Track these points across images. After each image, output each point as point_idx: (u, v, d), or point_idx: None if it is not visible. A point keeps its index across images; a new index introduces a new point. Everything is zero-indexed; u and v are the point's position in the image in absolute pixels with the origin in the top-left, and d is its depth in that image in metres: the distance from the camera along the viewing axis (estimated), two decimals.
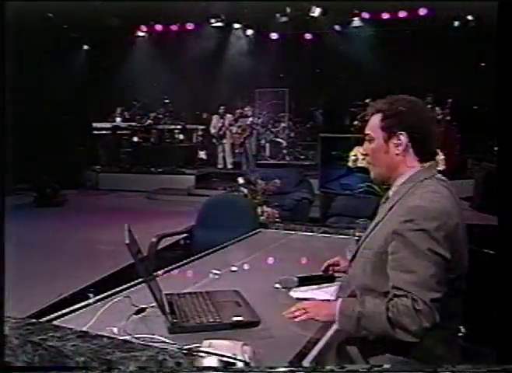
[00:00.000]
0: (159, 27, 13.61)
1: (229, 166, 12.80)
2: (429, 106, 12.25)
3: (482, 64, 11.43)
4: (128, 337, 1.53)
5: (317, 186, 7.69)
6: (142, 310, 1.75)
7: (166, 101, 13.59)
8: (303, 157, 13.86)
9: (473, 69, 11.57)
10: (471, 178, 9.69)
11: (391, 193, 1.81)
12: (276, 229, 3.25)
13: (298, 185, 7.12)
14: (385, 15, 12.54)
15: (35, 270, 5.52)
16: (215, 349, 1.42)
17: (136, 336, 1.54)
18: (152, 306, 1.75)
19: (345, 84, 13.44)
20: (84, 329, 1.59)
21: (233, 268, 2.39)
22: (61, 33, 12.62)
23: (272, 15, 13.39)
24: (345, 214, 6.07)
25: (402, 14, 12.35)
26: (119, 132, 12.84)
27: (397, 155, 1.76)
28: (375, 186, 4.34)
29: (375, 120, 1.79)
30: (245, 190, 5.67)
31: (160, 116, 13.38)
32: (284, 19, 13.37)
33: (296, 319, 1.72)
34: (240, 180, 5.63)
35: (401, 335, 1.54)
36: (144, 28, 13.77)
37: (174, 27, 13.56)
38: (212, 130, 12.60)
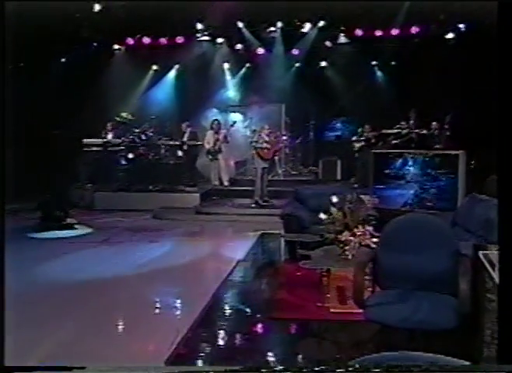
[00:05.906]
0: (146, 40, 13.13)
1: (226, 183, 12.47)
2: (411, 121, 12.06)
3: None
4: None
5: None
6: None
7: (152, 117, 13.07)
8: (294, 172, 13.82)
9: (469, 81, 11.57)
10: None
11: None
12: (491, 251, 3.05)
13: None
14: (378, 33, 12.73)
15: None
16: None
17: None
18: None
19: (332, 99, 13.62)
20: None
21: None
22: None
23: (263, 30, 13.33)
24: None
25: (395, 32, 12.57)
26: (110, 149, 12.20)
27: None
28: None
29: None
30: (335, 210, 5.46)
31: (147, 132, 12.82)
32: (275, 34, 13.34)
33: None
34: (334, 199, 5.40)
35: None
36: (130, 40, 13.23)
37: (163, 40, 13.11)
38: (207, 146, 12.19)
